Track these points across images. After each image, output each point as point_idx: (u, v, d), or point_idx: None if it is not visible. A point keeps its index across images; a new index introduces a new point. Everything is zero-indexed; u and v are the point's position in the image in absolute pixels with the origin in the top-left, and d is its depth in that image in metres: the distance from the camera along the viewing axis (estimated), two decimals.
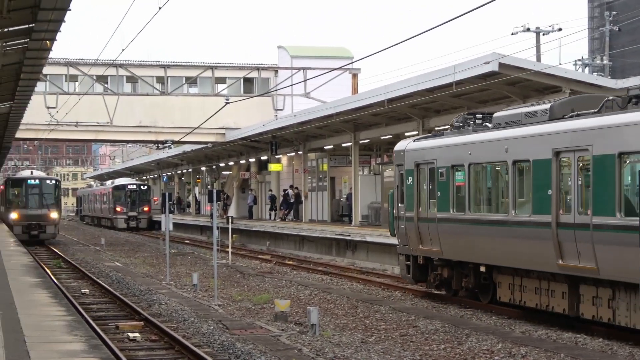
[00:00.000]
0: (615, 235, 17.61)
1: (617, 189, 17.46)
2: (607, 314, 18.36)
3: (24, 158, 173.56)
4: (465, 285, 23.88)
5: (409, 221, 25.46)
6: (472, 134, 22.95)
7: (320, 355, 17.14)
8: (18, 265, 27.44)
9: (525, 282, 21.03)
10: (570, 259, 18.88)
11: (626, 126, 17.33)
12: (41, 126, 55.04)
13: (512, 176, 20.93)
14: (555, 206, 19.28)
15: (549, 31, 53.84)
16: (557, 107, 20.21)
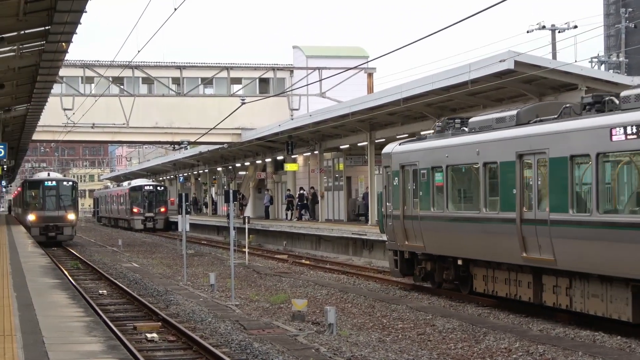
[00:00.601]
0: (569, 230, 19.50)
1: (570, 188, 19.41)
2: (565, 301, 20.15)
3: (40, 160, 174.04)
4: (446, 277, 25.75)
5: (395, 219, 27.35)
6: (450, 137, 24.87)
7: (337, 354, 17.15)
8: (36, 267, 27.53)
9: (497, 274, 22.92)
10: (532, 252, 20.75)
11: (575, 131, 19.33)
12: (58, 128, 55.21)
13: (483, 177, 22.84)
14: (519, 204, 21.19)
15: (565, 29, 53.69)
16: (523, 114, 22.06)
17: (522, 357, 16.97)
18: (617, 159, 18.68)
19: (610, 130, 18.08)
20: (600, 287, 18.99)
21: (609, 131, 18.13)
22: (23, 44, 28.86)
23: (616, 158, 18.65)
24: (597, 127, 18.64)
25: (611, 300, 18.69)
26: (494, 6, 16.42)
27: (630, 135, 17.56)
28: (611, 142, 18.12)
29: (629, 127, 17.54)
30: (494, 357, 17.08)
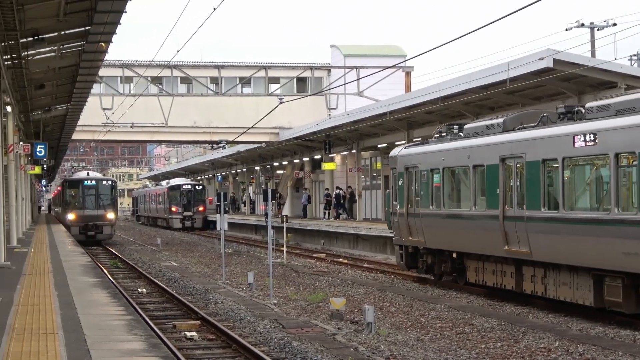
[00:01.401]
0: (540, 225, 22.00)
1: (542, 188, 21.83)
2: (541, 289, 22.55)
3: (80, 159, 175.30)
4: (444, 270, 28.21)
5: (400, 216, 29.84)
6: (447, 142, 27.30)
7: (376, 353, 17.16)
8: (76, 266, 27.76)
9: (486, 266, 25.35)
10: (513, 245, 23.19)
11: (546, 138, 21.72)
12: (97, 127, 55.62)
13: (473, 178, 25.31)
14: (502, 202, 23.65)
15: (604, 26, 53.24)
16: (509, 121, 24.47)
17: (562, 356, 16.89)
18: (579, 163, 21.05)
19: (573, 138, 20.45)
20: (568, 276, 21.30)
21: (572, 138, 20.48)
22: (63, 44, 29.12)
23: (578, 162, 21.01)
24: (563, 135, 21.01)
25: (577, 288, 20.97)
26: (532, 4, 16.36)
27: (589, 142, 20.00)
28: (574, 148, 20.49)
29: (587, 135, 20.02)
30: (533, 356, 17.01)
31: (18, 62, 28.37)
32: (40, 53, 29.73)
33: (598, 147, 19.78)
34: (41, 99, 40.93)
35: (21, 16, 22.61)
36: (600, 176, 20.27)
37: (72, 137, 60.49)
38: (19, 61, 28.17)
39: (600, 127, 19.70)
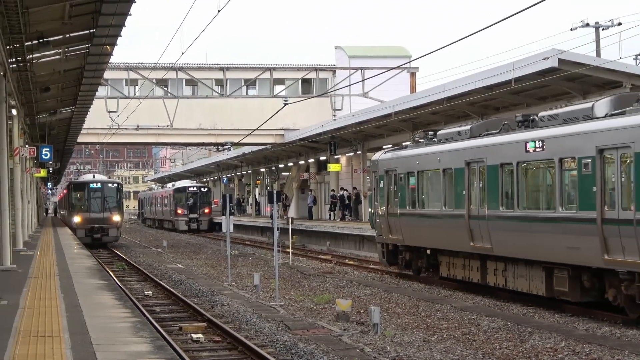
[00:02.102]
0: (499, 223, 24.21)
1: (500, 189, 24.06)
2: (502, 281, 24.77)
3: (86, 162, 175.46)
4: (420, 265, 30.32)
5: (381, 216, 32.10)
6: (421, 147, 29.53)
7: (382, 354, 17.15)
8: (82, 268, 27.78)
9: (456, 261, 27.56)
10: (477, 242, 25.39)
11: (504, 144, 24.02)
12: (102, 130, 55.67)
13: (443, 180, 27.47)
14: (467, 202, 25.81)
15: (609, 26, 53.20)
16: (475, 128, 26.83)
17: (568, 356, 16.87)
18: (530, 167, 23.26)
19: (525, 144, 22.74)
20: (525, 269, 23.48)
21: (524, 145, 22.79)
22: (68, 47, 29.18)
23: (530, 166, 23.22)
24: (517, 141, 23.29)
25: (532, 279, 23.16)
26: (536, 4, 16.35)
27: (538, 148, 22.26)
28: (526, 153, 22.79)
29: (537, 141, 22.28)
30: (540, 356, 17.00)
31: (23, 65, 28.41)
32: (45, 56, 29.78)
33: (545, 153, 22.02)
34: (46, 102, 40.99)
35: (26, 19, 22.64)
36: (547, 178, 22.60)
37: (78, 139, 60.54)
38: (24, 64, 28.21)
39: (548, 135, 22.00)
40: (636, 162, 18.79)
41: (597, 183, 20.00)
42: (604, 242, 19.81)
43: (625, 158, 19.24)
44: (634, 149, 18.78)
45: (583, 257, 20.69)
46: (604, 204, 19.87)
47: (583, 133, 20.63)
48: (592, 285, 21.15)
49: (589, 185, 20.29)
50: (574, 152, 20.83)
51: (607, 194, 19.89)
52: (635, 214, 18.79)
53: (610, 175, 19.83)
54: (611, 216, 19.60)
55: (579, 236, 20.63)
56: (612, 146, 19.57)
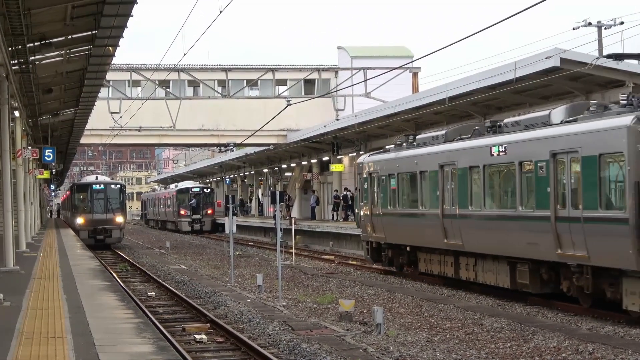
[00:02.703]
0: (469, 222, 26.11)
1: (469, 190, 25.97)
2: (472, 275, 26.63)
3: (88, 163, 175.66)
4: (401, 261, 32.22)
5: (366, 216, 34.11)
6: (401, 151, 31.32)
7: (385, 354, 17.15)
8: (85, 269, 27.79)
9: (432, 257, 29.40)
10: (450, 239, 27.34)
11: (472, 148, 25.90)
12: (105, 131, 55.72)
13: (419, 181, 29.41)
14: (441, 202, 27.77)
15: (611, 25, 53.13)
16: (450, 133, 28.52)
17: (572, 355, 16.86)
18: (494, 169, 25.04)
19: (490, 149, 24.62)
20: (492, 264, 25.35)
21: (489, 149, 24.68)
22: (70, 48, 29.19)
23: (494, 168, 25.01)
24: (483, 146, 25.18)
25: (498, 273, 25.07)
26: (538, 4, 16.34)
27: (501, 152, 24.19)
28: (491, 157, 24.64)
29: (500, 146, 24.20)
30: (543, 356, 16.99)
31: (25, 67, 28.43)
32: (47, 57, 29.79)
33: (507, 157, 23.97)
34: (49, 103, 41.00)
35: (28, 21, 22.65)
36: (509, 180, 24.22)
37: (80, 141, 60.57)
38: (27, 66, 28.22)
39: (509, 140, 23.96)
40: (583, 165, 20.54)
41: (551, 184, 21.83)
42: (557, 238, 21.59)
43: (574, 161, 21.03)
44: (581, 153, 20.55)
45: (540, 252, 22.57)
46: (557, 203, 21.70)
47: (539, 139, 22.53)
48: (550, 277, 23.02)
49: (544, 186, 22.15)
50: (531, 156, 22.73)
51: (560, 194, 21.67)
52: (582, 212, 20.48)
53: (562, 177, 21.62)
54: (563, 214, 21.41)
55: (537, 233, 22.52)
56: (563, 150, 21.38)
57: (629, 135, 19.09)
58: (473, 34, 19.36)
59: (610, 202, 20.11)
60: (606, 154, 19.96)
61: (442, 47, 21.88)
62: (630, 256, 19.03)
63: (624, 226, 19.21)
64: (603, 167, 20.11)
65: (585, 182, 20.46)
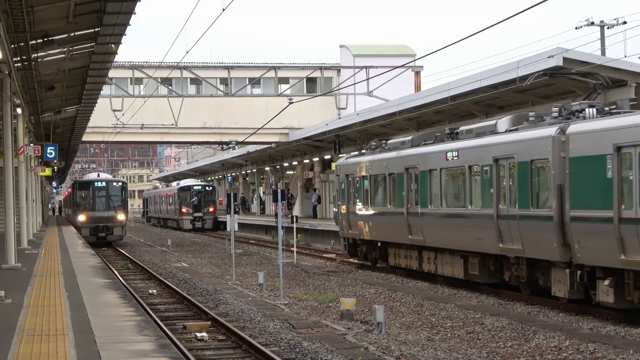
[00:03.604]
0: (429, 219, 29.11)
1: (429, 191, 29.02)
2: (433, 268, 29.41)
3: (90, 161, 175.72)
4: (374, 256, 34.94)
5: (343, 214, 37.07)
6: (374, 155, 34.24)
7: (386, 353, 17.14)
8: (87, 267, 27.80)
9: (400, 252, 32.20)
10: (414, 235, 30.21)
11: (431, 153, 29.00)
12: (107, 129, 55.73)
13: (388, 183, 32.22)
14: (406, 202, 30.68)
15: (614, 24, 53.13)
16: (416, 139, 31.42)
17: (573, 355, 16.86)
18: (449, 172, 27.84)
19: (446, 154, 27.65)
20: (449, 257, 28.11)
21: (445, 154, 27.74)
22: (73, 46, 29.18)
23: (449, 171, 27.83)
24: (440, 151, 28.22)
25: (454, 265, 27.79)
26: (540, 3, 16.33)
27: (454, 157, 27.17)
28: (447, 161, 27.70)
29: (453, 151, 27.19)
30: (544, 355, 16.99)
31: (28, 64, 28.43)
32: (50, 55, 29.79)
33: (460, 161, 26.87)
34: (51, 100, 41.01)
35: (31, 18, 22.64)
36: (461, 182, 26.93)
37: (83, 138, 60.59)
38: (29, 63, 28.22)
39: (461, 146, 26.90)
40: (518, 169, 23.49)
41: (494, 186, 24.73)
42: (499, 234, 24.51)
43: (512, 166, 23.90)
44: (517, 159, 23.52)
45: (486, 246, 25.41)
46: (498, 203, 24.57)
47: (484, 145, 25.46)
48: (495, 268, 25.74)
49: (488, 187, 25.10)
50: (479, 161, 25.66)
51: (501, 195, 24.49)
52: (518, 210, 23.45)
53: (502, 180, 24.46)
54: (503, 213, 24.30)
55: (483, 229, 25.35)
56: (503, 156, 24.27)
57: (554, 144, 21.83)
58: (475, 33, 19.37)
59: (539, 201, 22.80)
60: (536, 159, 22.78)
61: (444, 46, 21.81)
62: (555, 249, 21.79)
63: (550, 223, 21.94)
64: (534, 171, 22.97)
65: (520, 184, 23.42)
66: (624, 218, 19.32)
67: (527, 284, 24.06)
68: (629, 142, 19.15)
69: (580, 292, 21.52)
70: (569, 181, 21.18)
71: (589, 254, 20.68)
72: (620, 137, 19.43)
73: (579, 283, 21.32)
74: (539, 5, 16.55)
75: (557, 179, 21.63)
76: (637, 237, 18.96)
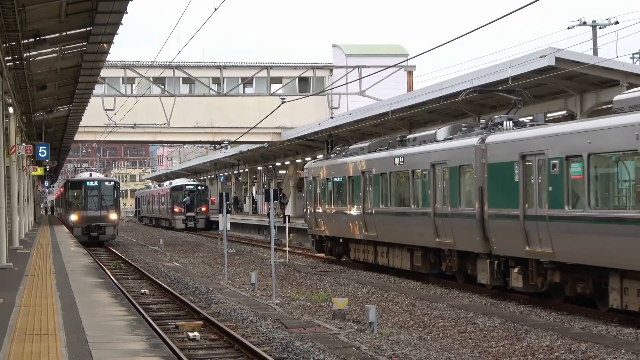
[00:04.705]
0: (381, 217, 32.44)
1: (380, 191, 32.46)
2: (386, 261, 32.74)
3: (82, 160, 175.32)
4: (338, 251, 38.41)
5: (311, 213, 40.28)
6: (336, 159, 37.65)
7: (378, 352, 17.15)
8: (79, 267, 27.76)
9: (359, 247, 35.64)
10: (369, 232, 33.59)
11: (382, 159, 32.46)
12: (99, 128, 55.60)
13: (348, 185, 35.69)
14: (362, 202, 34.07)
15: (606, 24, 53.20)
16: (372, 145, 34.88)
17: (564, 354, 16.88)
18: (397, 175, 31.35)
19: (394, 159, 31.10)
20: (399, 251, 31.55)
21: (393, 159, 31.13)
22: (65, 45, 29.14)
23: (397, 175, 31.32)
24: (390, 157, 31.60)
25: (402, 258, 31.12)
26: (532, 3, 16.34)
27: (401, 162, 30.62)
28: (395, 165, 31.08)
29: (400, 157, 30.71)
30: (536, 355, 17.00)
31: (20, 63, 28.39)
32: (42, 54, 29.74)
33: (405, 165, 30.33)
34: (43, 100, 40.95)
35: (22, 17, 22.61)
36: (406, 184, 30.39)
37: (75, 138, 60.49)
38: (21, 62, 28.18)
39: (406, 153, 30.40)
40: (449, 173, 26.97)
41: (431, 187, 28.20)
42: (435, 230, 28.00)
43: (445, 170, 27.33)
44: (449, 165, 26.99)
45: (426, 240, 28.83)
46: (435, 202, 28.05)
47: (424, 152, 28.98)
48: (435, 260, 29.09)
49: (427, 189, 28.52)
50: (419, 166, 29.12)
51: (437, 196, 27.90)
52: (450, 209, 26.93)
53: (438, 182, 27.91)
54: (439, 211, 27.78)
55: (423, 225, 28.78)
56: (438, 162, 27.78)
57: (476, 152, 25.20)
58: (468, 32, 19.37)
59: (466, 201, 26.16)
60: (463, 165, 26.17)
61: (437, 45, 21.83)
62: (478, 242, 25.28)
63: (473, 220, 25.39)
64: (462, 175, 26.41)
65: (451, 186, 26.92)
66: (527, 215, 22.71)
67: (460, 273, 27.63)
68: (531, 152, 22.65)
69: (500, 279, 24.86)
70: (487, 184, 24.69)
71: (503, 246, 24.20)
72: (524, 147, 23.01)
73: (497, 271, 24.72)
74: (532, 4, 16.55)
75: (478, 182, 25.11)
76: (537, 231, 22.24)
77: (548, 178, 21.78)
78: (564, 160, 21.20)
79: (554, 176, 21.55)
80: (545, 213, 21.86)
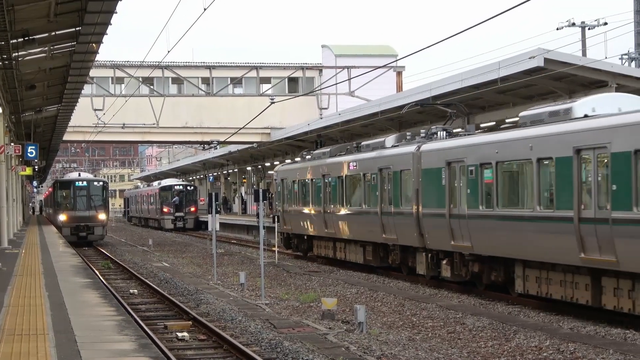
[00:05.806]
0: (338, 215, 35.93)
1: (337, 193, 35.90)
2: (344, 255, 35.76)
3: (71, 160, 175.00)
4: (304, 247, 41.14)
5: (280, 212, 43.32)
6: (303, 162, 40.69)
7: (367, 353, 17.16)
8: (67, 267, 27.70)
9: (322, 243, 38.59)
10: (329, 229, 36.65)
11: (338, 163, 35.98)
12: (88, 128, 55.51)
13: (311, 187, 38.78)
14: (323, 202, 37.04)
15: (594, 25, 53.29)
16: (333, 150, 37.99)
17: (553, 355, 16.91)
18: (352, 179, 34.55)
19: (349, 163, 34.42)
20: (354, 247, 34.53)
21: (349, 164, 34.50)
22: (54, 45, 29.09)
23: (352, 178, 34.50)
24: (344, 162, 35.18)
25: (357, 253, 34.22)
26: (522, 4, 16.37)
27: (355, 166, 33.91)
28: (350, 169, 34.46)
29: (353, 162, 34.08)
30: (525, 355, 17.03)
31: (8, 63, 28.31)
32: (30, 54, 29.68)
33: (358, 169, 33.64)
34: (32, 99, 40.86)
35: (11, 17, 22.55)
36: (359, 186, 33.62)
37: (63, 138, 60.36)
38: (10, 62, 28.10)
39: (359, 158, 33.79)
40: (393, 177, 30.31)
41: (379, 189, 31.50)
42: (382, 227, 31.18)
43: (389, 174, 30.57)
44: (392, 169, 30.29)
45: (375, 237, 31.92)
46: (381, 203, 31.27)
47: (373, 158, 32.26)
48: (384, 255, 32.13)
49: (375, 191, 31.81)
50: (369, 170, 32.35)
51: (384, 196, 31.13)
52: (393, 208, 30.18)
53: (383, 185, 31.16)
54: (385, 210, 31.02)
55: (372, 223, 31.94)
56: (384, 167, 31.08)
57: (413, 158, 28.68)
58: (457, 33, 19.39)
59: (406, 202, 29.35)
60: (404, 170, 29.49)
61: (426, 46, 21.88)
62: (415, 238, 28.57)
63: (411, 218, 28.77)
64: (403, 179, 29.67)
65: (394, 188, 30.23)
66: (452, 214, 26.11)
67: (403, 265, 30.68)
68: (454, 159, 26.08)
69: (434, 270, 28.00)
70: (422, 186, 28.08)
71: (434, 241, 27.56)
72: (450, 155, 26.45)
73: (432, 263, 28.00)
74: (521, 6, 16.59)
75: (415, 185, 28.53)
76: (459, 228, 25.64)
77: (467, 182, 25.28)
78: (478, 167, 24.68)
79: (471, 180, 25.04)
80: (465, 212, 25.37)
